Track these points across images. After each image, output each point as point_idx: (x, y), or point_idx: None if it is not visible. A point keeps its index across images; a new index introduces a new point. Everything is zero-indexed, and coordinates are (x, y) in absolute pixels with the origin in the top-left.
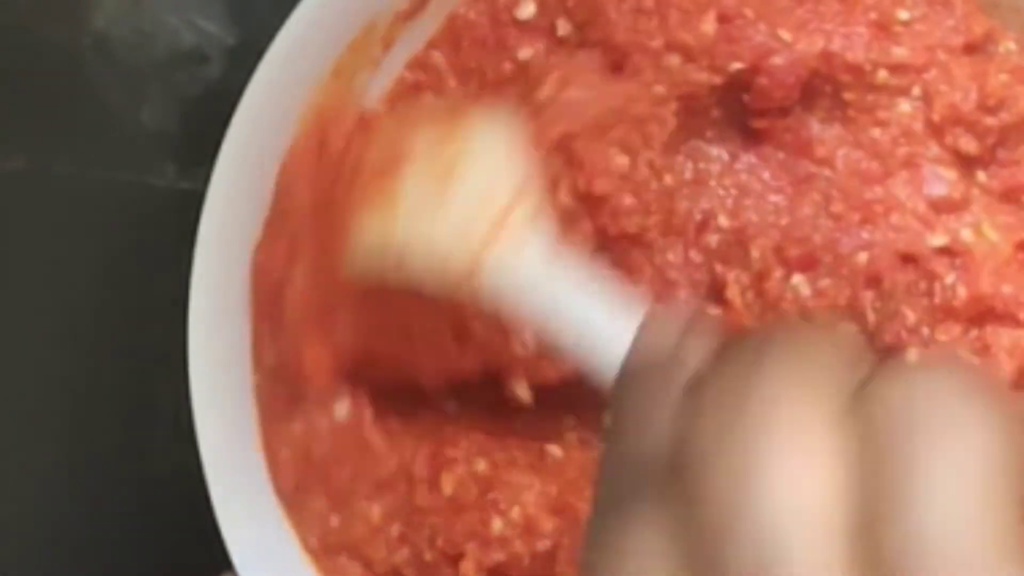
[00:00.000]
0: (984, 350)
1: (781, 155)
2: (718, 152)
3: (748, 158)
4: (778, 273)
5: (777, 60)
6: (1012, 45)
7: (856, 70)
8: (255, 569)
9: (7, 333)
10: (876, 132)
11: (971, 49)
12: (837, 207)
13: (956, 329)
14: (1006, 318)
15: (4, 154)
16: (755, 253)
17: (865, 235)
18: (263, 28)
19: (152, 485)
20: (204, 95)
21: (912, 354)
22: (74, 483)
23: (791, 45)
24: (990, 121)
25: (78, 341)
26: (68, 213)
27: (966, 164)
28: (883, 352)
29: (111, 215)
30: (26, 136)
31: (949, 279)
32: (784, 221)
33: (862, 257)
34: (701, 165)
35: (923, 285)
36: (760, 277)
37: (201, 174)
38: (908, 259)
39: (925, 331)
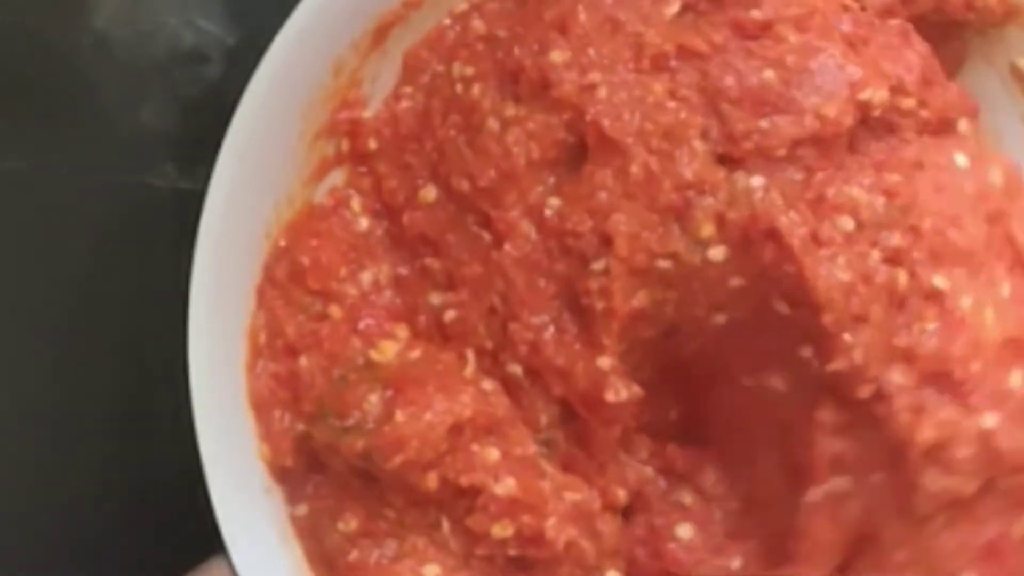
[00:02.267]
0: (917, 409)
1: None
2: None
3: None
4: None
5: None
6: None
7: None
8: (254, 569)
9: (6, 332)
10: None
11: None
12: None
13: (913, 376)
14: (955, 393)
15: (3, 154)
16: None
17: None
18: (263, 28)
19: (152, 485)
20: (204, 95)
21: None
22: (74, 483)
23: None
24: None
25: (77, 340)
26: (68, 213)
27: None
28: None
29: (111, 215)
30: (26, 136)
31: (931, 327)
32: None
33: None
34: None
35: (902, 319)
36: None
37: (201, 174)
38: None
39: (893, 374)
